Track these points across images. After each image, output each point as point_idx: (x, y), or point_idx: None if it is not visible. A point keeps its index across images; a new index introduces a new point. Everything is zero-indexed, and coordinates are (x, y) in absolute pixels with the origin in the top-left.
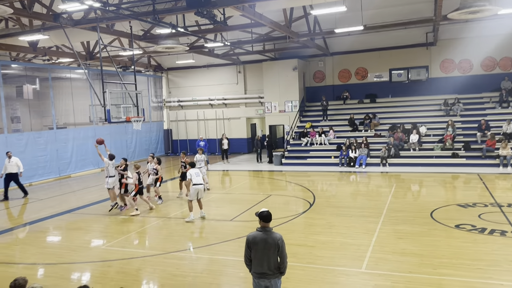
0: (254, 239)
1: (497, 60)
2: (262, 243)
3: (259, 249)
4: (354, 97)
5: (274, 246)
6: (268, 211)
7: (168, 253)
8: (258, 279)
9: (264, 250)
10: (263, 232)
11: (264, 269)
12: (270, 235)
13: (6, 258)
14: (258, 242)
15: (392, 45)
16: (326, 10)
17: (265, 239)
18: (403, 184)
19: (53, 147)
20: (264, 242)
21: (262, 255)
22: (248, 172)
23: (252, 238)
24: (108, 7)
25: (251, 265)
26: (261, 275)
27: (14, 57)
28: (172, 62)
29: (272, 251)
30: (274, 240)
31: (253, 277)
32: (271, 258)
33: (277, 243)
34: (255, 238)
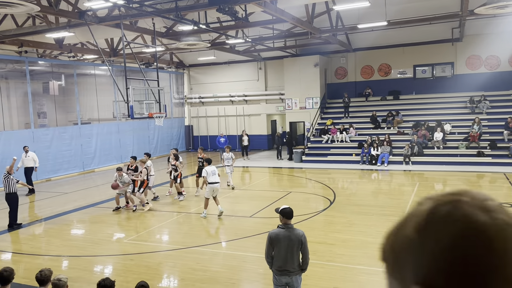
0: (277, 236)
1: None
2: (285, 240)
3: (282, 246)
4: (377, 94)
5: (297, 242)
6: (289, 207)
7: (189, 248)
8: (280, 276)
9: (287, 247)
10: (286, 229)
11: (287, 266)
12: (292, 232)
13: (32, 250)
14: (281, 239)
15: (417, 41)
16: (349, 5)
17: (288, 236)
18: (427, 183)
19: (78, 142)
20: (288, 239)
21: (286, 252)
22: (268, 168)
23: (275, 235)
24: (132, 4)
25: (272, 262)
26: (283, 272)
27: (41, 54)
28: (194, 59)
29: (296, 248)
30: (297, 236)
31: (274, 274)
32: (294, 255)
33: (300, 240)
34: (278, 235)
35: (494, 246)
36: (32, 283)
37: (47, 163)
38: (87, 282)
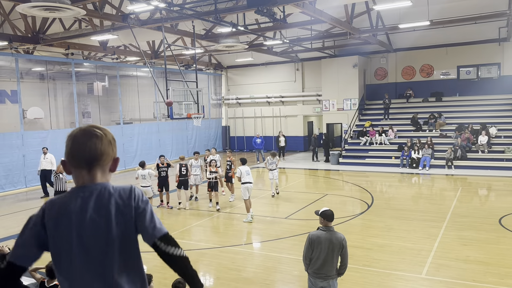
0: (318, 238)
1: None
2: (326, 243)
3: (323, 249)
4: (418, 95)
5: (338, 246)
6: (330, 210)
7: (224, 247)
8: (316, 279)
9: (327, 250)
10: (327, 231)
11: (325, 269)
12: (334, 235)
13: None
14: (322, 241)
15: (461, 41)
16: (390, 5)
17: (330, 239)
18: (470, 188)
19: (120, 142)
20: (329, 241)
21: (326, 255)
22: (304, 170)
23: (316, 237)
24: (173, 7)
25: (310, 264)
26: (320, 275)
27: (86, 56)
28: (232, 60)
29: (336, 252)
30: (339, 240)
31: (310, 276)
32: (334, 258)
33: (342, 243)
34: (319, 238)
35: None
36: None
37: None
38: None
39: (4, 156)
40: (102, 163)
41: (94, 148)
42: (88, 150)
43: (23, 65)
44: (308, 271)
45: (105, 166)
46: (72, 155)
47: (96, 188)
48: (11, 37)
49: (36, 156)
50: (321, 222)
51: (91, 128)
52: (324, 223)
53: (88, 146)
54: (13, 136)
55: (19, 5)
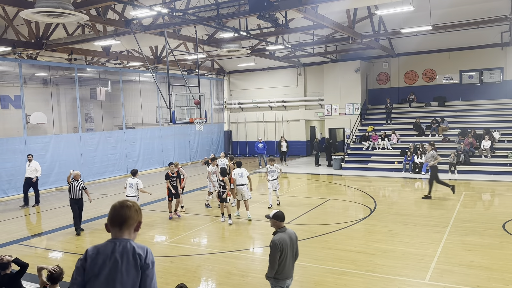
0: (284, 240)
1: None
2: (289, 242)
3: (289, 248)
4: (421, 100)
5: (295, 240)
6: (280, 211)
7: (227, 252)
8: (285, 280)
9: (291, 247)
10: (285, 232)
11: (292, 266)
12: (290, 232)
13: (78, 250)
14: (288, 242)
15: (463, 45)
16: (392, 10)
17: (290, 237)
18: (473, 192)
19: (122, 146)
20: (290, 239)
21: (291, 253)
22: (306, 175)
23: (282, 240)
24: (175, 13)
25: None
26: (289, 274)
27: (89, 61)
28: (234, 65)
29: (295, 246)
30: (295, 234)
31: (278, 280)
32: (294, 253)
33: (296, 236)
34: (284, 239)
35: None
36: None
37: (93, 166)
38: None
39: (7, 161)
40: (129, 224)
41: (124, 214)
42: (120, 215)
43: (27, 70)
44: (275, 277)
45: (131, 227)
46: (111, 219)
47: (123, 241)
48: (15, 42)
49: (38, 161)
50: (275, 224)
51: (124, 201)
52: (277, 225)
53: (120, 213)
54: (16, 141)
55: (23, 11)
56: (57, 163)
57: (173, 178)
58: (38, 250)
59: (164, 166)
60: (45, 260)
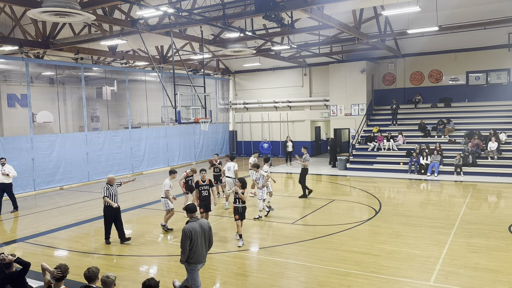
0: (194, 228)
1: None
2: (200, 230)
3: (199, 236)
4: (427, 101)
5: (207, 229)
6: (192, 203)
7: (231, 252)
8: (197, 264)
9: (203, 235)
10: (196, 221)
11: (204, 252)
12: (202, 222)
13: (83, 248)
14: (198, 230)
15: (470, 46)
16: (399, 10)
17: (201, 225)
18: (479, 194)
19: (128, 145)
20: (201, 228)
21: (202, 240)
22: (310, 175)
23: (191, 228)
24: (181, 13)
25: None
26: (201, 259)
27: (95, 61)
28: (239, 65)
29: (207, 234)
30: (207, 224)
31: (190, 264)
32: (207, 240)
33: (209, 226)
34: (194, 228)
35: None
36: (82, 280)
37: (99, 165)
38: (132, 281)
39: (14, 159)
40: None
41: None
42: None
43: (33, 69)
44: (188, 261)
45: None
46: None
47: None
48: (22, 41)
49: (44, 159)
50: (188, 215)
51: None
52: (190, 216)
53: None
54: (23, 140)
55: (30, 10)
56: (63, 161)
57: (205, 187)
58: (44, 249)
59: (169, 166)
60: (50, 258)
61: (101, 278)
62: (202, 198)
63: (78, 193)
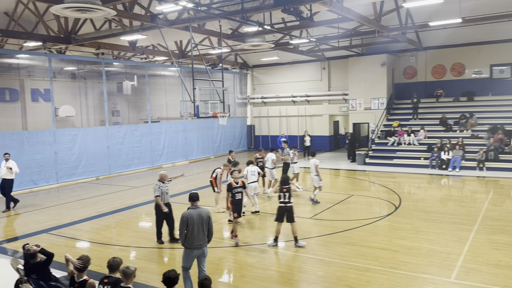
0: (190, 215)
1: None
2: (197, 218)
3: (195, 223)
4: (449, 95)
5: (206, 218)
6: (194, 192)
7: (250, 245)
8: (192, 250)
9: (199, 223)
10: (195, 209)
11: (200, 239)
12: (201, 210)
13: (104, 240)
14: (194, 217)
15: (494, 39)
16: (420, 2)
17: (199, 214)
18: (502, 190)
19: (148, 139)
20: (198, 216)
21: (199, 228)
22: (329, 170)
23: (188, 214)
24: (200, 7)
25: (186, 238)
26: (196, 246)
27: (116, 56)
28: (257, 60)
29: (205, 223)
30: (206, 213)
31: (186, 249)
32: (204, 229)
33: (208, 215)
34: (191, 214)
35: None
36: (103, 271)
37: (119, 159)
38: (152, 273)
39: (37, 152)
40: None
41: None
42: None
43: (56, 64)
44: (185, 245)
45: None
46: None
47: None
48: (45, 37)
49: (67, 153)
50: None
51: None
52: (192, 203)
53: None
54: (46, 134)
55: (53, 7)
56: (84, 155)
57: (238, 189)
58: (67, 240)
59: (188, 160)
60: (73, 249)
61: (121, 269)
62: (235, 202)
63: (100, 185)
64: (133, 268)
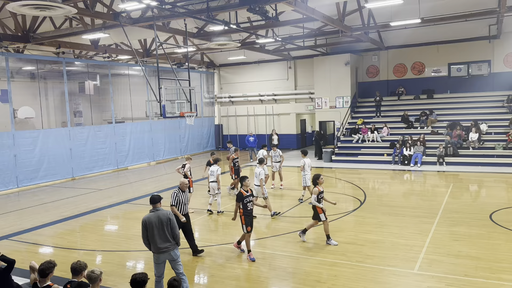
0: (149, 219)
1: None
2: (156, 221)
3: (155, 226)
4: (410, 93)
5: (166, 220)
6: (156, 194)
7: (219, 245)
8: (159, 255)
9: (159, 226)
10: (155, 211)
11: (163, 243)
12: (160, 212)
13: (69, 244)
14: (153, 220)
15: (452, 38)
16: (382, 2)
17: (158, 216)
18: (461, 184)
19: (112, 141)
20: (157, 219)
21: (159, 231)
22: (297, 168)
23: (147, 218)
24: (164, 6)
25: (150, 244)
26: (161, 250)
27: (77, 55)
28: (224, 59)
29: (165, 225)
30: (165, 215)
31: (153, 252)
32: (166, 232)
33: (168, 217)
34: (149, 218)
35: None
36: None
37: (82, 161)
38: (120, 276)
39: None
40: None
41: None
42: None
43: (14, 64)
44: (151, 250)
45: None
46: None
47: None
48: (1, 36)
49: (27, 156)
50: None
51: None
52: (153, 206)
53: None
54: (4, 136)
55: (9, 4)
56: (45, 158)
57: (249, 198)
58: (29, 246)
59: (154, 161)
60: (35, 255)
61: (86, 274)
62: (247, 213)
63: (63, 189)
64: (98, 272)
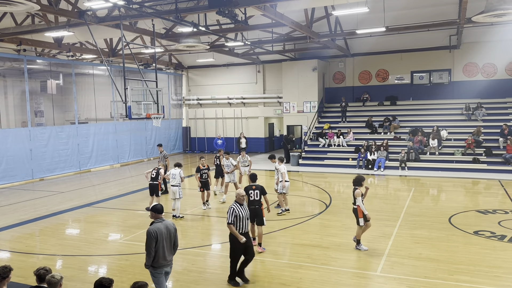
0: (159, 230)
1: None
2: (165, 231)
3: (165, 238)
4: (374, 99)
5: (173, 230)
6: (159, 204)
7: (184, 249)
8: (162, 268)
9: (168, 236)
10: (162, 222)
11: (169, 254)
12: (168, 223)
13: (27, 249)
14: (163, 231)
15: (415, 47)
16: (348, 11)
17: (166, 227)
18: (422, 188)
19: (75, 142)
20: (166, 229)
21: (167, 243)
22: (264, 171)
23: (157, 229)
24: (132, 5)
25: (155, 257)
26: (166, 262)
27: (40, 53)
28: (193, 61)
29: (173, 236)
30: (172, 225)
31: (155, 268)
32: (172, 242)
33: (175, 227)
34: (160, 229)
35: None
36: (26, 281)
37: (43, 162)
38: (81, 282)
39: None
40: None
41: None
42: None
43: None
44: (153, 265)
45: None
46: None
47: None
48: None
49: None
50: (153, 216)
51: None
52: (155, 216)
53: None
54: None
55: None
56: (4, 158)
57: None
58: None
59: (119, 163)
60: None
61: (46, 279)
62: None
63: (22, 191)
64: (58, 277)
